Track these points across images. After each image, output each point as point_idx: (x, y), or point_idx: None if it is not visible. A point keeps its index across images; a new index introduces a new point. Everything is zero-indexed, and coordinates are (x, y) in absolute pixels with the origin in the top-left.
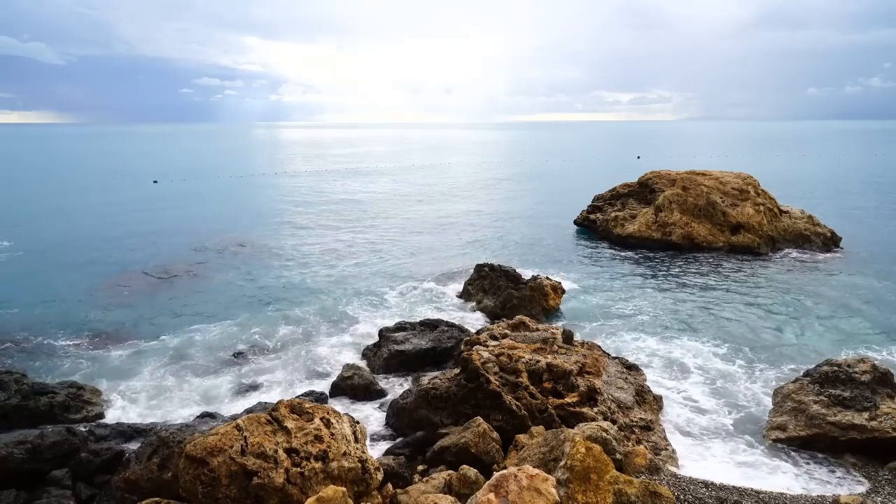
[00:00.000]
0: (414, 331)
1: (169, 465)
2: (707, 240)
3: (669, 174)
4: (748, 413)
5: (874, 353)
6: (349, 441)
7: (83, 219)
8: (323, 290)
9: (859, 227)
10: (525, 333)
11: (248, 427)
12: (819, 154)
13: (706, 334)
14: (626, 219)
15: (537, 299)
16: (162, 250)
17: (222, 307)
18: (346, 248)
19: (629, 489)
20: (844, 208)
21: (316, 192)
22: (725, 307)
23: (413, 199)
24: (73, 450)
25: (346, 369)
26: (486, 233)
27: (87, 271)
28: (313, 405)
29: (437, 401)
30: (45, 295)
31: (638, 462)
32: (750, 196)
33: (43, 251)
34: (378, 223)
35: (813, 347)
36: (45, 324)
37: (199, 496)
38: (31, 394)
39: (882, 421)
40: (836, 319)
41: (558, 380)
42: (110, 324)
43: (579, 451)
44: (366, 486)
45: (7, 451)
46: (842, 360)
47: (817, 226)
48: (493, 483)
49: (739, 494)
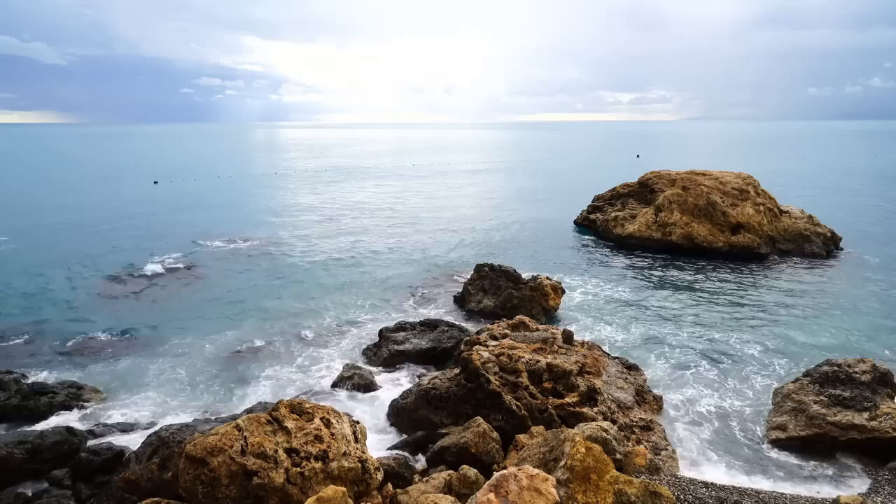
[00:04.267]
0: (414, 331)
1: (169, 465)
2: (707, 240)
3: (669, 174)
4: (748, 413)
5: (874, 353)
6: (349, 441)
7: (83, 219)
8: (323, 290)
9: (859, 227)
10: (525, 333)
11: (248, 427)
12: (819, 154)
13: (706, 334)
14: (626, 219)
15: (537, 299)
16: (162, 251)
17: (222, 307)
18: (345, 248)
19: (629, 489)
20: (845, 208)
21: (316, 193)
22: (725, 307)
23: (413, 199)
24: (73, 450)
25: (346, 369)
26: (487, 233)
27: (87, 271)
28: (313, 405)
29: (438, 401)
30: (45, 295)
31: (638, 462)
32: (750, 196)
33: (43, 251)
34: (378, 223)
35: (813, 347)
36: (45, 323)
37: (199, 496)
38: (31, 394)
39: (882, 421)
40: (836, 319)
41: (558, 380)
42: (110, 324)
43: (579, 451)
44: (366, 486)
45: (7, 451)
46: (842, 360)
47: (817, 226)
48: (493, 483)
49: (739, 494)
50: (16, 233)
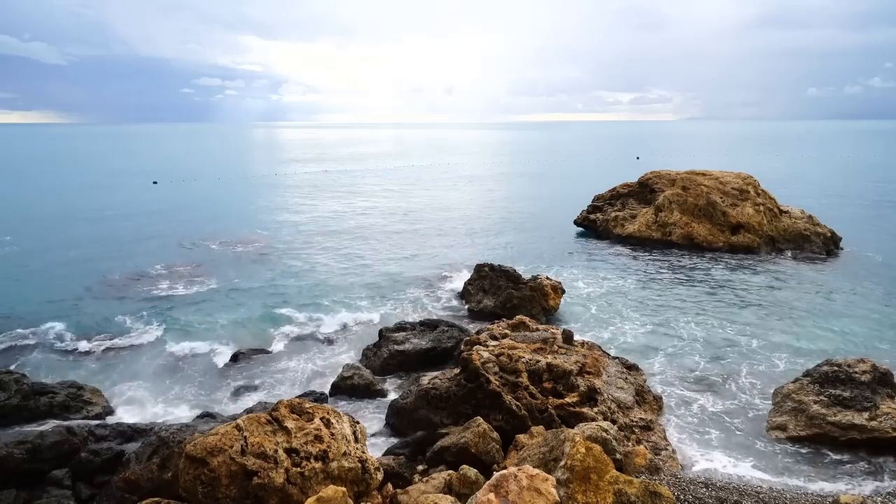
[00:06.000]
0: (414, 331)
1: (169, 465)
2: (707, 240)
3: (669, 174)
4: (748, 413)
5: (874, 353)
6: (349, 441)
7: (83, 219)
8: (323, 290)
9: (859, 227)
10: (525, 333)
11: (248, 427)
12: (819, 154)
13: (706, 334)
14: (626, 219)
15: (537, 299)
16: (162, 250)
17: (222, 307)
18: (345, 248)
19: (629, 489)
20: (845, 208)
21: (315, 193)
22: (725, 307)
23: (413, 200)
24: (73, 450)
25: (346, 369)
26: (487, 233)
27: (87, 271)
28: (313, 405)
29: (437, 401)
30: (45, 295)
31: (638, 462)
32: (750, 196)
33: (43, 251)
34: (378, 223)
35: (813, 347)
36: (45, 324)
37: (199, 496)
38: (31, 394)
39: (882, 421)
40: (836, 319)
41: (558, 380)
42: (110, 324)
43: (579, 451)
44: (366, 486)
45: (7, 451)
46: (842, 360)
47: (817, 226)
48: (493, 483)
49: (739, 494)
50: (16, 232)
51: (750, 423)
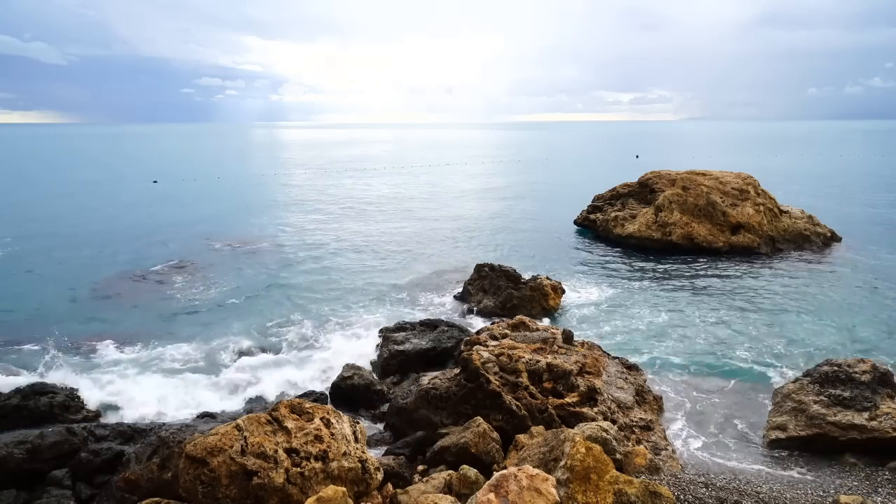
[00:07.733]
0: (414, 331)
1: (169, 465)
2: (707, 240)
3: (669, 174)
4: (748, 413)
5: (874, 353)
6: (349, 441)
7: (83, 218)
8: (322, 290)
9: (860, 228)
10: (525, 333)
11: (248, 427)
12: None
13: (706, 334)
14: (626, 219)
15: (537, 299)
16: (162, 250)
17: (222, 307)
18: (345, 248)
19: (629, 489)
20: (845, 208)
21: (315, 193)
22: (725, 307)
23: (412, 200)
24: (73, 450)
25: (346, 369)
26: (486, 233)
27: (87, 271)
28: (313, 405)
29: (437, 401)
30: (44, 294)
31: (638, 462)
32: (750, 196)
33: (43, 251)
34: (377, 223)
35: (813, 347)
36: (44, 323)
37: (199, 496)
38: (31, 394)
39: (882, 421)
40: (836, 319)
41: (558, 380)
42: (110, 323)
43: (579, 451)
44: (366, 486)
45: (7, 451)
46: (842, 360)
47: (817, 226)
48: (493, 483)
49: (739, 494)
50: (16, 233)
51: (750, 423)
